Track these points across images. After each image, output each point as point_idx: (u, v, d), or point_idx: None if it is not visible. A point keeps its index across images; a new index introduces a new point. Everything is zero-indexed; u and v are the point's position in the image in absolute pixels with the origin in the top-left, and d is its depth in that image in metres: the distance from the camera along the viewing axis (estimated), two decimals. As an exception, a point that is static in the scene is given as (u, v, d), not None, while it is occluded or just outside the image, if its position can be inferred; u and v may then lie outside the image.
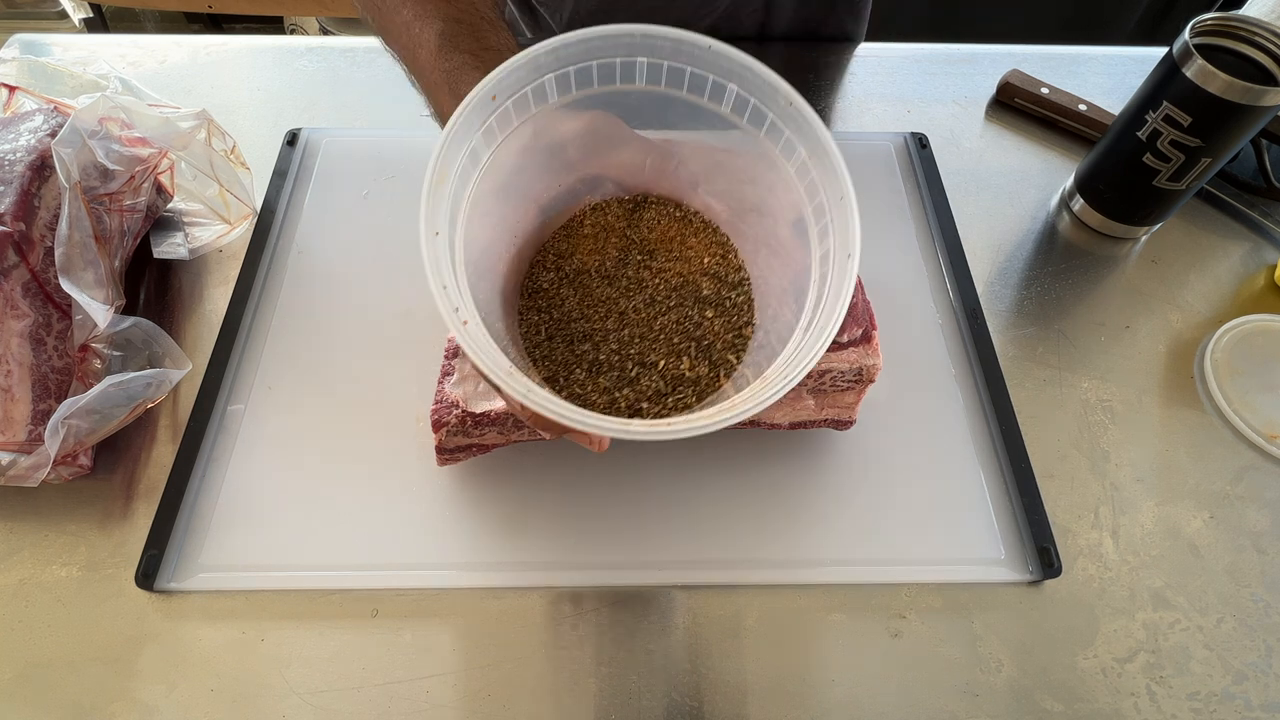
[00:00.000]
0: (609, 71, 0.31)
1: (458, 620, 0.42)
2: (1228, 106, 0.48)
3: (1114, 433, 0.49)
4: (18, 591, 0.42)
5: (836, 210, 0.29)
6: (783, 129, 0.30)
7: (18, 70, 0.59)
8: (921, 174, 0.61)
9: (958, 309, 0.54)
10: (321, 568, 0.42)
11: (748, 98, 0.31)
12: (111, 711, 0.39)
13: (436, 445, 0.42)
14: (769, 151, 0.32)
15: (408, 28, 0.38)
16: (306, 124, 0.62)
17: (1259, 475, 0.48)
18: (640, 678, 0.40)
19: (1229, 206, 0.61)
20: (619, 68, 0.31)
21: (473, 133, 0.30)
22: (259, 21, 1.53)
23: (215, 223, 0.56)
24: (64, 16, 1.45)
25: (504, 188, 0.33)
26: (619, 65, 0.31)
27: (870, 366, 0.42)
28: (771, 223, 0.35)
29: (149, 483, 0.45)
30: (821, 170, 0.30)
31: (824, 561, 0.44)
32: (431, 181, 0.28)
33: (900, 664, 0.41)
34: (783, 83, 0.30)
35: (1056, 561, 0.43)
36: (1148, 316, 0.55)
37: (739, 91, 0.31)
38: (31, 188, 0.45)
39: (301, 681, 0.40)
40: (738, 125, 0.32)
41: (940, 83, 0.69)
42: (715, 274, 0.35)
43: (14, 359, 0.42)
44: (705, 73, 0.31)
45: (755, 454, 0.47)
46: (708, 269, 0.35)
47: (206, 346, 0.50)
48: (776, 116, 0.30)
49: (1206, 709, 0.40)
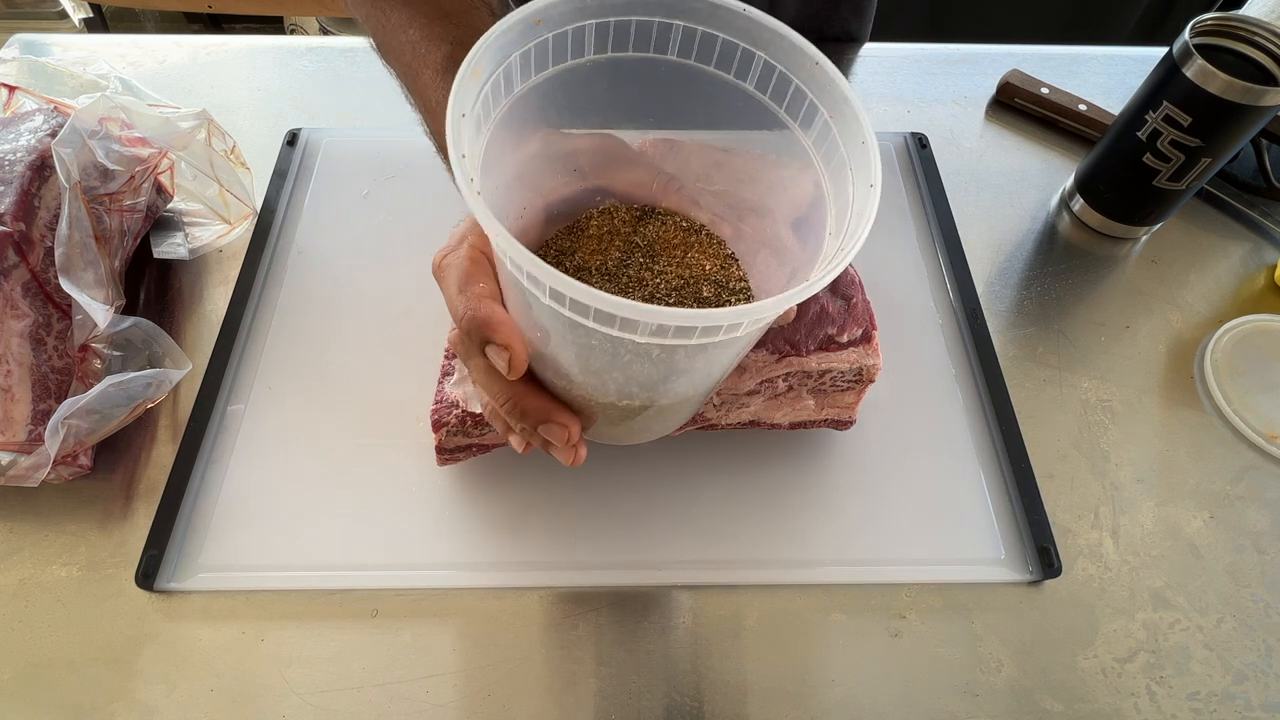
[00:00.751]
0: (645, 34, 0.31)
1: (458, 620, 0.42)
2: (1228, 106, 0.48)
3: (1114, 433, 0.49)
4: (18, 591, 0.42)
5: (857, 155, 0.29)
6: (806, 93, 0.31)
7: (18, 70, 0.59)
8: (921, 174, 0.61)
9: (958, 309, 0.54)
10: (321, 568, 0.42)
11: (774, 65, 0.31)
12: (111, 711, 0.39)
13: (436, 445, 0.42)
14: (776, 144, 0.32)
15: (413, 46, 0.38)
16: (306, 124, 0.62)
17: (1259, 475, 0.48)
18: (640, 678, 0.40)
19: (1229, 206, 0.61)
20: (655, 30, 0.31)
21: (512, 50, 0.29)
22: (259, 21, 1.53)
23: (215, 223, 0.56)
24: (64, 16, 1.45)
25: (514, 180, 0.33)
26: (655, 28, 0.31)
27: (870, 366, 0.42)
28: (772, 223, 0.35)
29: (149, 483, 0.45)
30: (842, 124, 0.30)
31: (824, 561, 0.44)
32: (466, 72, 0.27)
33: (900, 664, 0.41)
34: (810, 45, 0.30)
35: (1056, 561, 0.43)
36: (1148, 316, 0.55)
37: (766, 59, 0.31)
38: (31, 188, 0.45)
39: (301, 681, 0.40)
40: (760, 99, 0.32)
41: (940, 83, 0.69)
42: (716, 280, 0.35)
43: (14, 359, 0.42)
44: (736, 40, 0.31)
45: (755, 454, 0.47)
46: (709, 275, 0.35)
47: (206, 346, 0.50)
48: (801, 81, 0.31)
49: (1206, 709, 0.40)
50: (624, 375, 0.29)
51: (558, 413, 0.31)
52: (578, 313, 0.24)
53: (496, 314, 0.29)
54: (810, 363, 0.41)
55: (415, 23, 0.38)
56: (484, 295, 0.29)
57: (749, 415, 0.44)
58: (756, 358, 0.41)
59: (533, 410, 0.31)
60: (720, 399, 0.42)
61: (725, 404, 0.43)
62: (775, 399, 0.44)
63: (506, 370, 0.29)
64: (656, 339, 0.24)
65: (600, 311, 0.23)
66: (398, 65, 0.40)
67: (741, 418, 0.44)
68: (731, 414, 0.44)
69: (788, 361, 0.41)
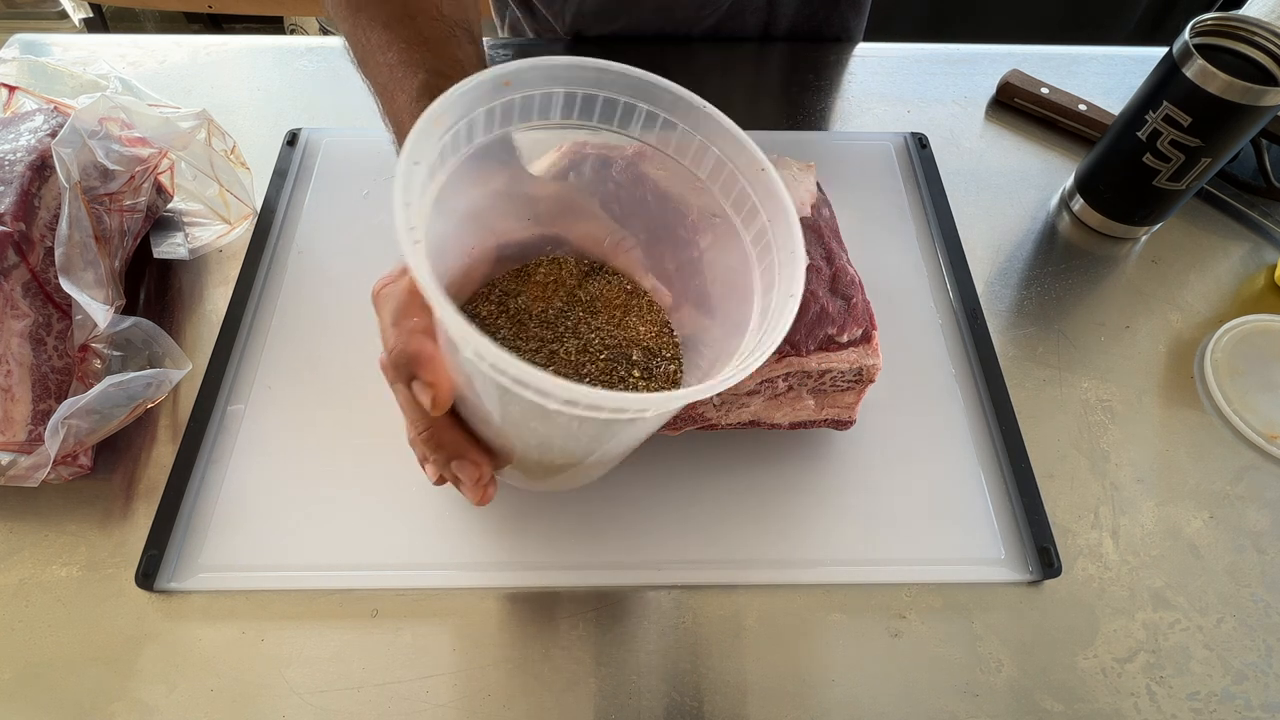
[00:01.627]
0: (611, 109, 0.33)
1: (458, 620, 0.42)
2: (1228, 106, 0.48)
3: (1114, 433, 0.49)
4: (18, 591, 0.42)
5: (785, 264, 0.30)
6: (750, 194, 0.32)
7: (18, 70, 0.59)
8: (921, 174, 0.61)
9: (958, 309, 0.54)
10: (321, 568, 0.42)
11: (725, 161, 0.33)
12: (111, 711, 0.39)
13: (436, 445, 0.42)
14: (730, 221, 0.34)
15: (390, 69, 0.38)
16: (306, 124, 0.62)
17: (1259, 475, 0.48)
18: (640, 678, 0.40)
19: (1229, 206, 0.61)
20: (620, 108, 0.32)
21: (478, 106, 0.30)
22: (259, 21, 1.53)
23: (215, 223, 0.56)
24: (64, 16, 1.45)
25: (468, 218, 0.34)
26: (620, 106, 0.32)
27: (870, 366, 0.42)
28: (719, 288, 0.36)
29: (149, 483, 0.45)
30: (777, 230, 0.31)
31: (824, 561, 0.44)
32: (428, 121, 0.27)
33: (900, 664, 0.41)
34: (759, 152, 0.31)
35: (1056, 561, 0.43)
36: (1148, 316, 0.55)
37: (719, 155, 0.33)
38: (31, 188, 0.45)
39: (301, 681, 0.40)
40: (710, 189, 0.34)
41: (940, 83, 0.69)
42: (649, 347, 0.36)
43: (14, 359, 0.42)
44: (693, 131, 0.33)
45: (755, 454, 0.47)
46: (643, 340, 0.36)
47: (206, 346, 0.50)
48: (748, 182, 0.32)
49: (1206, 709, 0.40)
50: (544, 430, 0.29)
51: (471, 450, 0.32)
52: (498, 372, 0.25)
53: (425, 350, 0.30)
54: (810, 363, 0.41)
55: (394, 46, 0.38)
56: (416, 330, 0.30)
57: (749, 415, 0.44)
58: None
59: (448, 444, 0.31)
60: (720, 399, 0.42)
61: (725, 404, 0.43)
62: (775, 399, 0.44)
63: (429, 406, 0.30)
64: (568, 409, 0.25)
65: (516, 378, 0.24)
66: (375, 84, 0.40)
67: (741, 418, 0.44)
68: (731, 414, 0.44)
69: (788, 361, 0.41)
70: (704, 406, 0.43)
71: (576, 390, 0.24)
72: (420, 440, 0.32)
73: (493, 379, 0.25)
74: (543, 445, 0.31)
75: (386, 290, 0.32)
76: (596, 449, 0.32)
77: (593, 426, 0.28)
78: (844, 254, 0.44)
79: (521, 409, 0.27)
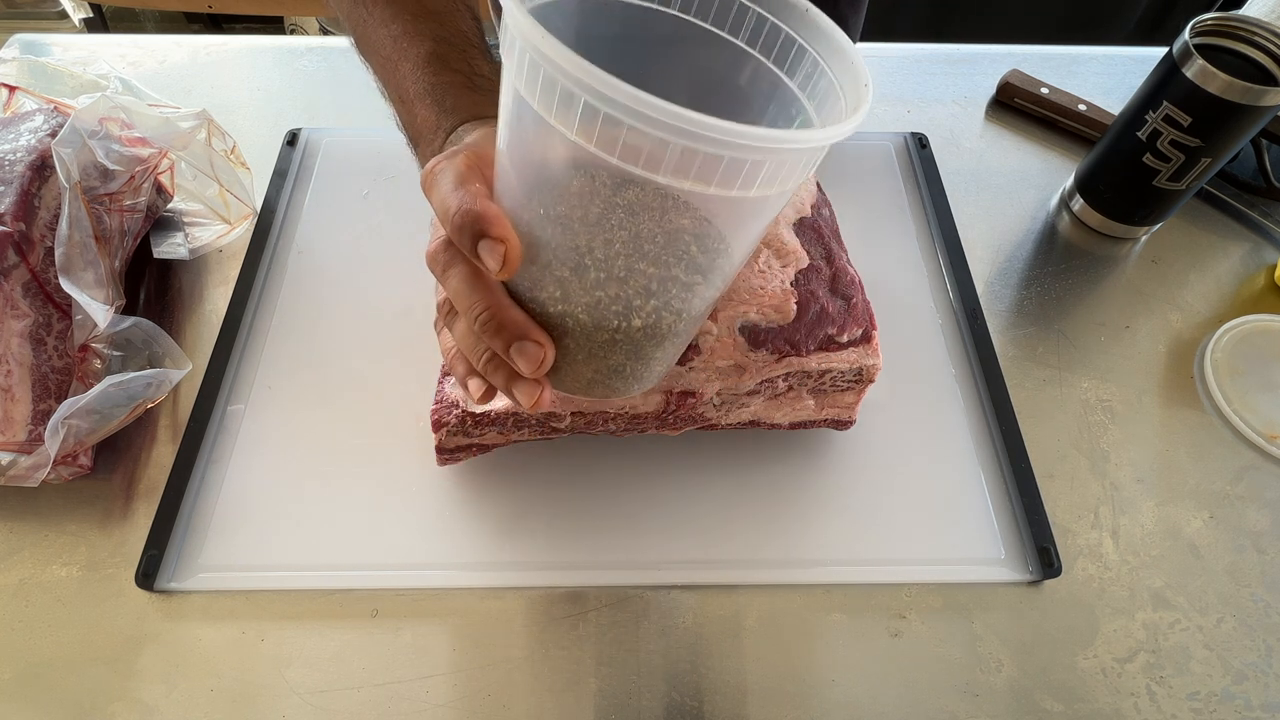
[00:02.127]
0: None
1: (458, 620, 0.42)
2: (1228, 106, 0.48)
3: (1114, 433, 0.49)
4: (18, 591, 0.42)
5: (847, 77, 0.31)
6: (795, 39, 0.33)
7: (18, 70, 0.59)
8: (921, 174, 0.61)
9: (958, 309, 0.54)
10: (321, 568, 0.42)
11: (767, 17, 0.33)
12: (111, 711, 0.39)
13: (436, 445, 0.42)
14: None
15: (394, 40, 0.38)
16: (306, 124, 0.62)
17: (1259, 475, 0.48)
18: (640, 678, 0.40)
19: (1229, 206, 0.61)
20: None
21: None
22: (259, 21, 1.53)
23: (215, 223, 0.56)
24: (64, 16, 1.45)
25: None
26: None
27: (870, 366, 0.42)
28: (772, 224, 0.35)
29: (149, 483, 0.45)
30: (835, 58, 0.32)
31: (824, 561, 0.44)
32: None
33: (900, 664, 0.41)
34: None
35: (1056, 561, 0.43)
36: (1148, 316, 0.55)
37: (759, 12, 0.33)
38: (31, 188, 0.45)
39: (301, 681, 0.40)
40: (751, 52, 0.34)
41: (940, 83, 0.69)
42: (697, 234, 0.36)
43: (14, 359, 0.42)
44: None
45: (755, 454, 0.47)
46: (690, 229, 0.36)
47: (206, 346, 0.50)
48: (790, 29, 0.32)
49: (1206, 709, 0.40)
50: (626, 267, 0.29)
51: (535, 330, 0.29)
52: (607, 136, 0.24)
53: (492, 209, 0.28)
54: (810, 363, 0.41)
55: (399, 18, 0.38)
56: (480, 194, 0.28)
57: (749, 415, 0.44)
58: (756, 357, 0.41)
59: (510, 324, 0.29)
60: (720, 399, 0.42)
61: (725, 404, 0.43)
62: (775, 399, 0.44)
63: (498, 268, 0.27)
64: (695, 181, 0.24)
65: (634, 130, 0.23)
66: (376, 59, 0.40)
67: (741, 418, 0.44)
68: (731, 414, 0.44)
69: (788, 361, 0.41)
70: (704, 406, 0.43)
71: (701, 119, 0.22)
72: (479, 324, 0.29)
73: (589, 184, 0.24)
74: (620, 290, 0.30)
75: (440, 166, 0.30)
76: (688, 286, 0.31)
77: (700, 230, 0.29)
78: (844, 254, 0.45)
79: (612, 231, 0.27)
